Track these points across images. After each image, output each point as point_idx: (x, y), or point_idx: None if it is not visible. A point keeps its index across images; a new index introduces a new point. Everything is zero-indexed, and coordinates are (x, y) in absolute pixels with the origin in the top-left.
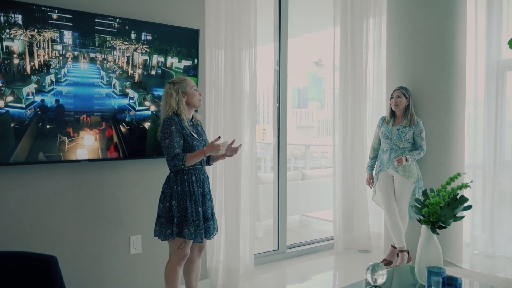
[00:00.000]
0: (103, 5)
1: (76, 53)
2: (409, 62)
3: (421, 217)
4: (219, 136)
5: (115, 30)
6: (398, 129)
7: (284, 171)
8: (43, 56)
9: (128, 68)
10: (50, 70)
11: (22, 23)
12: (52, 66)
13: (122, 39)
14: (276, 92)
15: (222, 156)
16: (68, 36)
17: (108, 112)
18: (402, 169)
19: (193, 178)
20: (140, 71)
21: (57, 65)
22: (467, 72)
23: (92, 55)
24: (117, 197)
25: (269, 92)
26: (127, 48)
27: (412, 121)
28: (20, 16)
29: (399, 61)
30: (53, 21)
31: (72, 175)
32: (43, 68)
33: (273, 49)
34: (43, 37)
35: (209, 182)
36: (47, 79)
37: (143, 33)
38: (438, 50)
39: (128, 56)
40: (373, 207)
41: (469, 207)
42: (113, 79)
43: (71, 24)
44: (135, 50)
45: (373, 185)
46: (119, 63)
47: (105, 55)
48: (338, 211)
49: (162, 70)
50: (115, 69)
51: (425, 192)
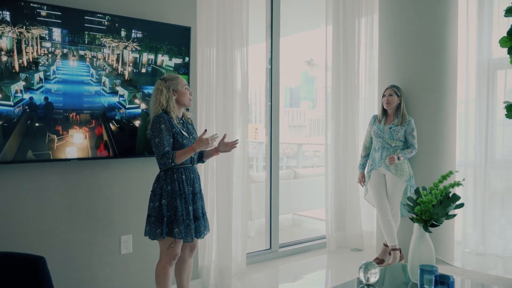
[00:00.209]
0: (93, 1)
1: (65, 51)
2: (401, 61)
3: (414, 216)
4: (205, 129)
5: (105, 27)
6: (390, 128)
7: (276, 170)
8: (32, 53)
9: (118, 66)
10: (39, 68)
11: (10, 20)
12: (41, 64)
13: (112, 37)
14: (268, 91)
15: (216, 151)
16: (57, 33)
17: (98, 110)
18: (394, 168)
19: (183, 176)
20: (130, 68)
21: (46, 62)
22: (458, 71)
23: (82, 52)
24: (107, 196)
25: (261, 91)
26: (117, 45)
27: (404, 119)
28: (8, 13)
29: (391, 60)
30: (41, 18)
31: (62, 174)
32: (32, 66)
33: (265, 47)
34: (32, 34)
35: (200, 181)
36: (35, 76)
37: (133, 30)
38: (430, 49)
39: (118, 54)
40: (365, 205)
41: (461, 205)
42: (103, 77)
43: (60, 21)
44: (125, 48)
45: (364, 184)
46: (109, 60)
47: (95, 52)
48: (330, 210)
49: (153, 68)
50: (105, 67)
51: (418, 190)
